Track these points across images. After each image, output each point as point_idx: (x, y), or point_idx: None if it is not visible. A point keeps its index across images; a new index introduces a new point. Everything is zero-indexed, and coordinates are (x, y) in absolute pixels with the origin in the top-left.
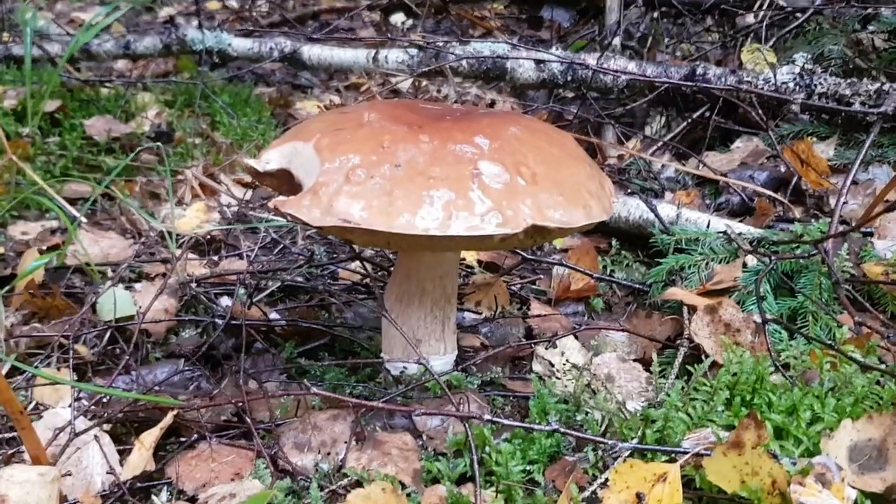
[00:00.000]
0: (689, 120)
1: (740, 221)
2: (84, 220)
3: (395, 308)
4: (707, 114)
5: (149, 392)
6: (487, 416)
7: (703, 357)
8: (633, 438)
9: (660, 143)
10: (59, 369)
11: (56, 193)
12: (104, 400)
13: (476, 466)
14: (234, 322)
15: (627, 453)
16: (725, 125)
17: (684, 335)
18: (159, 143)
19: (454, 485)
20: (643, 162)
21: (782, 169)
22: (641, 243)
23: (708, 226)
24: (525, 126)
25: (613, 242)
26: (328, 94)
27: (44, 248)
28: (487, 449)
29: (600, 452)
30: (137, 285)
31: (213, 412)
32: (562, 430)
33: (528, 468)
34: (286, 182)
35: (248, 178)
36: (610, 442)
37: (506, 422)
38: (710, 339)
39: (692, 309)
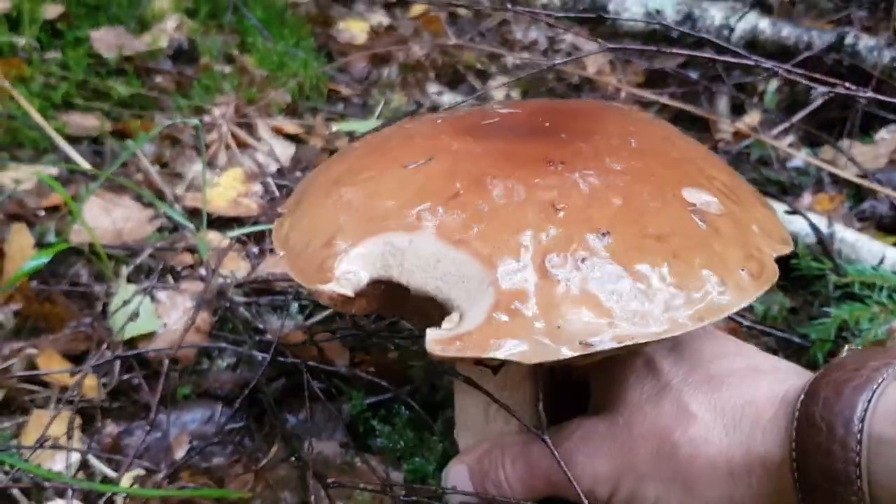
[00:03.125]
0: (829, 95)
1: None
2: (89, 170)
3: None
4: (849, 90)
5: (177, 473)
6: None
7: None
8: None
9: (786, 124)
10: (58, 411)
11: (57, 133)
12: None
13: None
14: (282, 359)
15: None
16: (868, 108)
17: None
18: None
19: None
20: (770, 148)
21: None
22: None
23: (881, 262)
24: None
25: None
26: (375, 14)
27: (41, 212)
28: None
29: None
30: (161, 293)
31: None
32: None
33: None
34: (385, 298)
35: (289, 128)
36: None
37: None
38: None
39: None
